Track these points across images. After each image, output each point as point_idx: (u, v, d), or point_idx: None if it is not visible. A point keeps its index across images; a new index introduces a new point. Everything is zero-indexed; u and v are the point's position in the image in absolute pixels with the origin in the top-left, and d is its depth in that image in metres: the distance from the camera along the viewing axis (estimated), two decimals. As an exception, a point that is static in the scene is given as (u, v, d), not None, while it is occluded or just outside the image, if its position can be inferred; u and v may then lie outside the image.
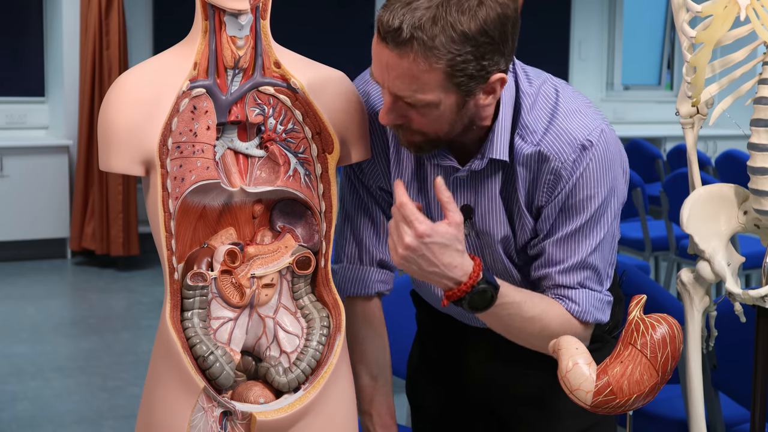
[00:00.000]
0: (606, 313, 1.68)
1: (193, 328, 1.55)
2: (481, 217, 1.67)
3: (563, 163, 1.58)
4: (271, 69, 1.61)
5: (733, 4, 1.67)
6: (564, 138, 1.59)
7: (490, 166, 1.63)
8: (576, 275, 1.63)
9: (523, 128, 1.60)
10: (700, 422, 1.82)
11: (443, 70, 1.46)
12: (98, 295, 5.84)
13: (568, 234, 1.62)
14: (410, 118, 1.53)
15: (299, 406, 1.58)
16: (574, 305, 1.64)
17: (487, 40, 1.45)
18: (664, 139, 8.63)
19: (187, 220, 1.60)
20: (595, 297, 1.65)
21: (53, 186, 6.53)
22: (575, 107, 1.62)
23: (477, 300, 1.53)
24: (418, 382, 2.00)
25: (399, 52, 1.45)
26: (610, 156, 1.60)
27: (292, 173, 1.65)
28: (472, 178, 1.65)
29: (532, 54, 9.46)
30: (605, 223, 1.62)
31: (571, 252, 1.63)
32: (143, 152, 1.50)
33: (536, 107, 1.61)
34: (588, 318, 1.65)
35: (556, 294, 1.65)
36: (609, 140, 1.60)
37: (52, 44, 6.82)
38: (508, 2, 1.48)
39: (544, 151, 1.59)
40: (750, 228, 1.81)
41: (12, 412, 3.84)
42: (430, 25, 1.43)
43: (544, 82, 1.64)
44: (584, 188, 1.59)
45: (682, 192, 2.39)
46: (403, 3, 1.45)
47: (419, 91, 1.48)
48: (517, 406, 1.84)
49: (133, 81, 1.54)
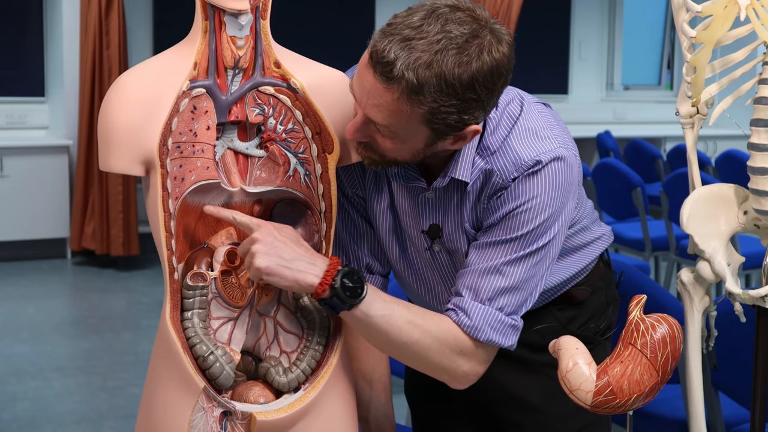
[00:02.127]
0: (507, 338, 1.59)
1: (193, 328, 1.55)
2: (448, 235, 1.66)
3: (504, 180, 1.57)
4: (271, 69, 1.61)
5: (733, 4, 1.67)
6: (510, 156, 1.57)
7: (454, 186, 1.62)
8: (489, 280, 1.56)
9: (484, 149, 1.59)
10: (700, 422, 1.82)
11: (423, 114, 1.44)
12: (98, 295, 5.84)
13: (498, 241, 1.57)
14: (376, 141, 1.52)
15: (299, 406, 1.58)
16: (466, 318, 1.57)
17: (473, 96, 1.44)
18: (664, 139, 8.63)
19: (187, 220, 1.60)
20: (494, 316, 1.57)
21: (53, 186, 6.53)
22: (533, 127, 1.59)
23: (347, 285, 1.49)
24: (416, 383, 2.00)
25: (385, 86, 1.43)
26: (559, 181, 1.56)
27: (292, 173, 1.65)
28: (438, 198, 1.64)
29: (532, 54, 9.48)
30: (540, 244, 1.57)
31: (490, 256, 1.58)
32: (143, 152, 1.50)
33: (498, 129, 1.60)
34: (480, 336, 1.56)
35: (453, 304, 1.59)
36: (563, 167, 1.56)
37: (52, 44, 6.82)
38: (503, 60, 1.45)
39: (489, 168, 1.58)
40: (750, 228, 1.81)
41: (12, 412, 3.84)
42: (424, 69, 1.40)
43: (511, 101, 1.62)
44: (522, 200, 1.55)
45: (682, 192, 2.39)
46: (403, 38, 1.41)
47: (393, 125, 1.47)
48: (511, 408, 1.83)
49: (133, 81, 1.54)
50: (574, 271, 1.77)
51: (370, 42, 1.45)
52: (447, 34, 1.41)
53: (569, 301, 1.79)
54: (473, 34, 1.43)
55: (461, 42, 1.41)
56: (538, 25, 8.53)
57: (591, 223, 1.80)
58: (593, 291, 1.82)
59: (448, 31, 1.41)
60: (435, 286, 1.75)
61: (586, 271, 1.81)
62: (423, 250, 1.70)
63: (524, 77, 8.80)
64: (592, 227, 1.80)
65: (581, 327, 1.80)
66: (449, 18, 1.43)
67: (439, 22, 1.42)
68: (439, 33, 1.41)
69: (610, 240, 1.84)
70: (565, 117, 1.71)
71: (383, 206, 1.70)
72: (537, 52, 8.58)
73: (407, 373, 2.04)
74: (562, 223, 1.59)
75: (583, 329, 1.80)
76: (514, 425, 1.82)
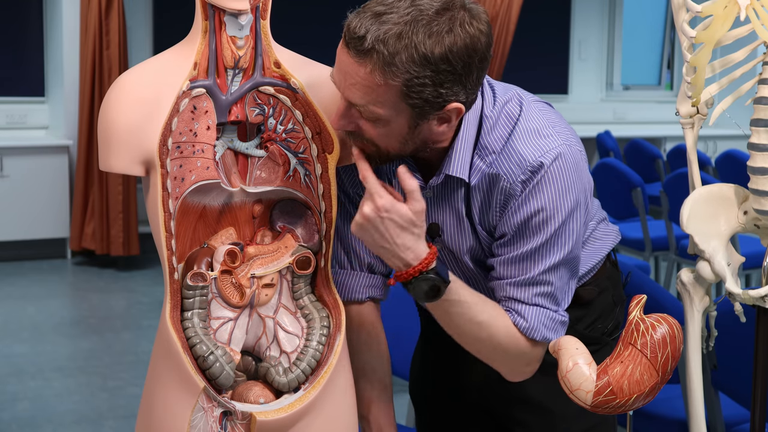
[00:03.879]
0: (558, 333, 1.64)
1: (193, 328, 1.55)
2: (449, 234, 1.66)
3: (512, 184, 1.57)
4: (271, 69, 1.61)
5: (733, 4, 1.67)
6: (514, 159, 1.57)
7: (452, 184, 1.62)
8: (528, 290, 1.60)
9: (482, 149, 1.60)
10: (700, 422, 1.82)
11: (399, 88, 1.45)
12: (98, 295, 5.84)
13: (524, 254, 1.59)
14: (361, 128, 1.52)
15: (299, 406, 1.58)
16: (522, 321, 1.61)
17: (448, 68, 1.44)
18: (664, 139, 8.63)
19: (187, 220, 1.60)
20: (546, 315, 1.61)
21: (53, 186, 6.53)
22: (534, 127, 1.59)
23: (423, 288, 1.52)
24: (420, 383, 2.00)
25: (358, 60, 1.44)
26: (566, 179, 1.56)
27: (292, 173, 1.65)
28: (438, 197, 1.64)
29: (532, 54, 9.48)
30: (563, 245, 1.59)
31: (524, 270, 1.60)
32: (143, 152, 1.50)
33: (497, 128, 1.60)
34: (535, 336, 1.61)
35: (506, 306, 1.62)
36: (566, 164, 1.56)
37: (52, 44, 6.82)
38: (479, 36, 1.46)
39: (495, 172, 1.58)
40: (750, 228, 1.81)
41: (12, 412, 3.84)
42: (394, 41, 1.42)
43: (509, 101, 1.62)
44: (537, 210, 1.56)
45: (682, 192, 2.39)
46: (374, 13, 1.44)
47: (372, 103, 1.47)
48: (517, 408, 1.83)
49: (133, 81, 1.54)
50: (582, 271, 1.76)
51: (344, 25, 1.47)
52: (417, 7, 1.43)
53: (577, 301, 1.76)
54: (444, 7, 1.44)
55: (431, 14, 1.43)
56: (538, 25, 8.53)
57: (598, 222, 1.80)
58: (600, 291, 1.81)
59: (417, 5, 1.43)
60: None
61: (593, 270, 1.80)
62: None
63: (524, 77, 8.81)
64: (599, 227, 1.80)
65: (588, 327, 1.80)
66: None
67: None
68: (409, 7, 1.43)
69: (617, 239, 1.84)
70: (565, 117, 1.70)
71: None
72: (537, 52, 8.59)
73: (412, 374, 2.04)
74: (579, 216, 1.60)
75: (591, 329, 1.80)
76: (520, 425, 1.82)
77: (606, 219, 1.84)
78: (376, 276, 1.78)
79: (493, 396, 1.84)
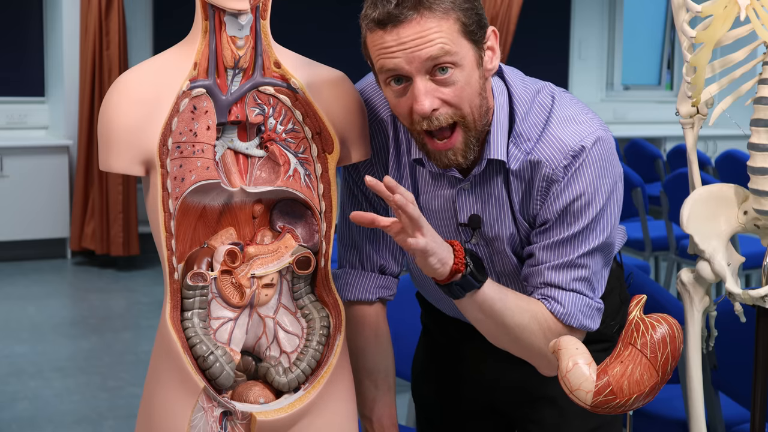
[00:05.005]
0: (595, 321, 1.65)
1: (193, 328, 1.55)
2: (489, 224, 1.66)
3: (554, 169, 1.59)
4: (271, 69, 1.61)
5: (733, 4, 1.67)
6: (556, 145, 1.59)
7: (491, 172, 1.63)
8: (567, 273, 1.61)
9: (518, 136, 1.61)
10: (700, 422, 1.82)
11: (456, 17, 1.49)
12: (98, 295, 5.84)
13: (565, 239, 1.60)
14: (444, 95, 1.52)
15: (299, 406, 1.58)
16: (559, 307, 1.61)
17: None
18: (664, 139, 8.63)
19: (187, 220, 1.60)
20: (583, 302, 1.62)
21: (53, 186, 6.53)
22: (570, 114, 1.62)
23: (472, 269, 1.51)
24: (423, 382, 2.00)
25: (410, 19, 1.47)
26: (606, 163, 1.59)
27: (292, 173, 1.65)
28: (476, 187, 1.65)
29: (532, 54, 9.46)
30: (602, 229, 1.61)
31: (564, 253, 1.61)
32: (143, 152, 1.50)
33: (531, 115, 1.62)
34: (573, 322, 1.62)
35: (542, 294, 1.62)
36: (605, 148, 1.59)
37: (52, 44, 6.82)
38: None
39: (536, 159, 1.60)
40: (750, 228, 1.81)
41: (12, 412, 3.84)
42: None
43: (540, 90, 1.64)
44: (579, 194, 1.58)
45: (682, 192, 2.39)
46: None
47: (444, 42, 1.49)
48: (522, 406, 1.83)
49: (133, 81, 1.54)
50: None
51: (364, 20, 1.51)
52: None
53: None
54: None
55: None
56: (538, 25, 8.53)
57: None
58: (609, 290, 1.79)
59: None
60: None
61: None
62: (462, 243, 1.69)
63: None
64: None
65: (602, 325, 1.78)
66: None
67: None
68: None
69: (624, 239, 1.84)
70: (565, 117, 1.70)
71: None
72: (537, 52, 8.58)
73: (414, 375, 2.03)
74: (616, 200, 1.62)
75: (603, 327, 1.77)
76: (534, 422, 1.82)
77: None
78: (386, 277, 1.79)
79: (498, 394, 1.83)
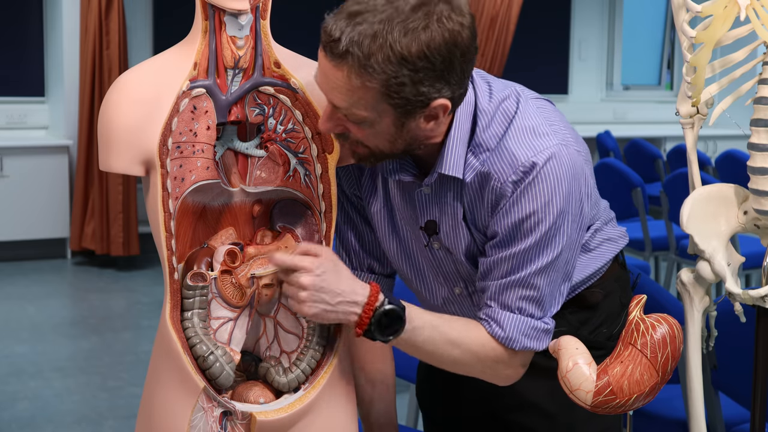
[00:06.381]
0: (541, 342, 1.59)
1: (193, 328, 1.55)
2: (445, 232, 1.64)
3: (503, 183, 1.54)
4: (271, 69, 1.61)
5: (733, 4, 1.67)
6: (506, 159, 1.54)
7: (447, 181, 1.59)
8: (513, 292, 1.56)
9: (477, 146, 1.56)
10: (700, 422, 1.82)
11: (378, 89, 1.42)
12: (98, 295, 5.84)
13: (512, 254, 1.56)
14: (348, 129, 1.50)
15: (299, 406, 1.58)
16: (500, 330, 1.58)
17: (427, 65, 1.41)
18: (664, 139, 8.63)
19: (187, 220, 1.60)
20: (526, 323, 1.57)
21: (53, 186, 6.53)
22: (530, 125, 1.55)
23: (385, 323, 1.51)
24: (426, 387, 1.99)
25: (335, 63, 1.42)
26: (560, 180, 1.52)
27: (292, 173, 1.65)
28: (434, 194, 1.62)
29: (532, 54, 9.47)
30: (554, 247, 1.55)
31: (512, 270, 1.56)
32: (143, 152, 1.50)
33: (492, 125, 1.56)
34: (515, 345, 1.58)
35: (485, 315, 1.60)
36: (560, 165, 1.52)
37: (52, 44, 6.83)
38: (460, 30, 1.42)
39: (486, 170, 1.55)
40: (750, 228, 1.81)
41: (12, 412, 3.84)
42: (369, 42, 1.39)
43: (507, 98, 1.58)
44: (529, 212, 1.53)
45: (682, 192, 2.39)
46: (349, 14, 1.41)
47: (354, 106, 1.45)
48: (524, 414, 1.81)
49: (133, 81, 1.54)
50: (586, 274, 1.73)
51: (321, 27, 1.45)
52: (392, 4, 1.40)
53: (582, 304, 1.75)
54: (421, 2, 1.40)
55: (407, 11, 1.39)
56: (538, 25, 8.54)
57: (604, 224, 1.75)
58: (606, 294, 1.77)
59: (393, 1, 1.40)
60: (437, 288, 1.74)
61: (599, 273, 1.76)
62: (422, 248, 1.69)
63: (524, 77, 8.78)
64: (605, 229, 1.75)
65: (593, 332, 1.76)
66: None
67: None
68: (385, 4, 1.40)
69: (624, 242, 1.80)
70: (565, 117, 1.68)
71: (379, 205, 1.69)
72: (537, 52, 8.59)
73: (419, 377, 2.03)
74: (571, 219, 1.56)
75: (595, 334, 1.76)
76: (526, 430, 1.81)
77: (613, 220, 1.80)
78: (377, 276, 1.78)
79: (501, 402, 1.82)
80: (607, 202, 1.80)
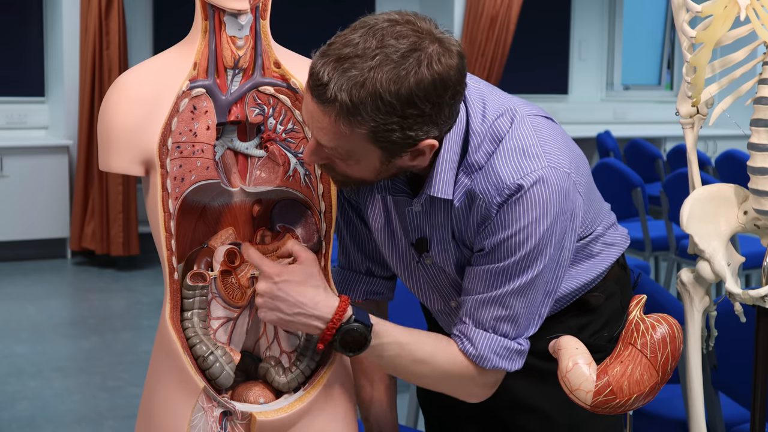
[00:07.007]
0: (514, 362, 1.58)
1: (193, 328, 1.55)
2: (436, 249, 1.63)
3: (488, 204, 1.52)
4: (271, 69, 1.61)
5: (733, 4, 1.67)
6: (492, 179, 1.51)
7: (436, 201, 1.58)
8: (489, 310, 1.55)
9: (469, 166, 1.54)
10: (700, 422, 1.82)
11: (366, 135, 1.40)
12: (98, 295, 5.84)
13: (492, 271, 1.54)
14: (333, 162, 1.49)
15: (299, 406, 1.58)
16: (471, 348, 1.57)
17: (416, 112, 1.39)
18: (664, 139, 8.63)
19: (187, 220, 1.60)
20: (499, 343, 1.56)
21: (53, 186, 6.53)
22: (522, 146, 1.52)
23: (349, 339, 1.51)
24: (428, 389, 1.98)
25: (322, 108, 1.39)
26: (546, 204, 1.49)
27: (292, 173, 1.65)
28: (425, 212, 1.61)
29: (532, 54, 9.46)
30: (534, 268, 1.52)
31: (490, 287, 1.55)
32: (143, 152, 1.51)
33: (483, 144, 1.54)
34: (486, 364, 1.56)
35: (458, 331, 1.59)
36: (547, 189, 1.49)
37: (52, 44, 6.82)
38: (449, 72, 1.39)
39: (473, 190, 1.53)
40: (750, 228, 1.81)
41: (12, 412, 3.84)
42: (358, 90, 1.35)
43: (501, 116, 1.55)
44: (511, 234, 1.51)
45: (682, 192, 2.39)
46: (338, 57, 1.37)
47: (341, 147, 1.43)
48: (523, 416, 1.81)
49: (133, 81, 1.54)
50: (587, 279, 1.72)
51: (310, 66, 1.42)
52: (383, 50, 1.36)
53: (583, 307, 1.74)
54: (412, 47, 1.37)
55: (397, 57, 1.36)
56: (538, 25, 8.53)
57: (606, 229, 1.74)
58: (607, 297, 1.76)
59: (384, 47, 1.36)
60: (433, 299, 1.74)
61: (600, 277, 1.74)
62: (414, 263, 1.69)
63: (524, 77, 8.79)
64: (606, 234, 1.74)
65: (593, 335, 1.74)
66: (387, 33, 1.38)
67: (375, 38, 1.37)
68: (375, 49, 1.36)
69: (626, 245, 1.78)
70: (565, 117, 1.68)
71: (377, 213, 1.68)
72: (537, 52, 8.58)
73: None
74: (555, 244, 1.54)
75: (596, 338, 1.74)
76: (526, 431, 1.80)
77: (615, 223, 1.78)
78: (376, 279, 1.78)
79: (500, 403, 1.82)
80: (608, 205, 1.78)
